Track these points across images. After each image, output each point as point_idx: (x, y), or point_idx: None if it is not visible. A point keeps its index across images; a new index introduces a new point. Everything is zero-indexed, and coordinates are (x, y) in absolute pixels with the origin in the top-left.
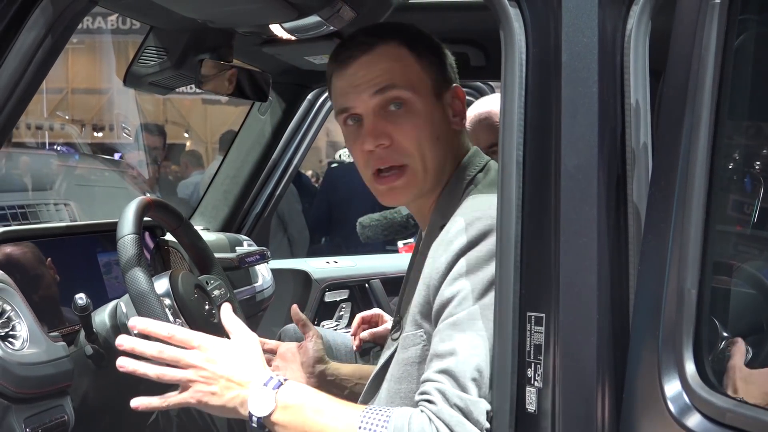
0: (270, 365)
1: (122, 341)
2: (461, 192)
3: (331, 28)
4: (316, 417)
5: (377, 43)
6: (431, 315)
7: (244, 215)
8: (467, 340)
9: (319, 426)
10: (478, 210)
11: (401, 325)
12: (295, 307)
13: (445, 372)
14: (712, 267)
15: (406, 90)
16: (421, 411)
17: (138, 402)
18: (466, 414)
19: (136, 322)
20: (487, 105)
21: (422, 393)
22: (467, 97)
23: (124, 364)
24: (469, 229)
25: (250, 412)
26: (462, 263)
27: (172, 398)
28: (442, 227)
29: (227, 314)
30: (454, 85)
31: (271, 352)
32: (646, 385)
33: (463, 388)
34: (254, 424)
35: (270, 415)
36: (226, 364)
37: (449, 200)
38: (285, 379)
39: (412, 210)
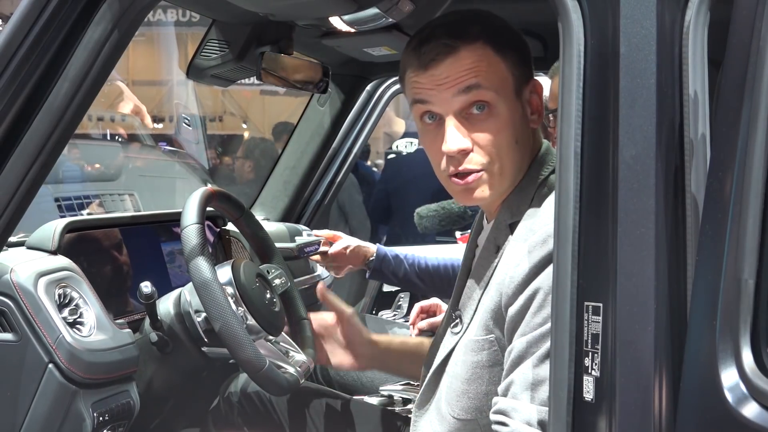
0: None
1: None
2: (533, 192)
3: (390, 20)
4: None
5: (461, 45)
6: (503, 322)
7: (304, 205)
8: (545, 354)
9: None
10: None
11: (462, 320)
12: (321, 287)
13: (525, 387)
14: None
15: (490, 91)
16: None
17: None
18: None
19: None
20: None
21: (498, 412)
22: None
23: None
24: (548, 241)
25: None
26: (541, 277)
27: None
28: (511, 226)
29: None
30: (534, 79)
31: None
32: (703, 374)
33: (543, 403)
34: None
35: None
36: None
37: (520, 198)
38: None
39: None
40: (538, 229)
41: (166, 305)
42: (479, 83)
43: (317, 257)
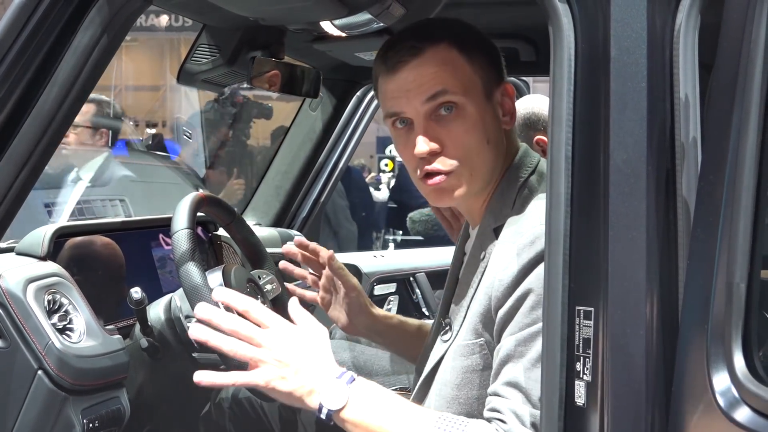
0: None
1: (200, 310)
2: (514, 194)
3: (381, 24)
4: (388, 418)
5: (427, 47)
6: (492, 325)
7: (296, 211)
8: (534, 355)
9: (391, 428)
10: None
11: (451, 327)
12: (330, 254)
13: (514, 387)
14: (761, 261)
15: (457, 94)
16: (496, 430)
17: (201, 376)
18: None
19: (218, 293)
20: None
21: (493, 410)
22: None
23: (196, 332)
24: (536, 243)
25: (321, 404)
26: (530, 279)
27: (239, 377)
28: (495, 230)
29: (295, 305)
30: (504, 82)
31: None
32: (695, 378)
33: (534, 405)
34: (323, 416)
35: (341, 409)
36: (299, 350)
37: (501, 202)
38: (355, 377)
39: (462, 209)
40: (525, 231)
41: (156, 311)
42: (445, 87)
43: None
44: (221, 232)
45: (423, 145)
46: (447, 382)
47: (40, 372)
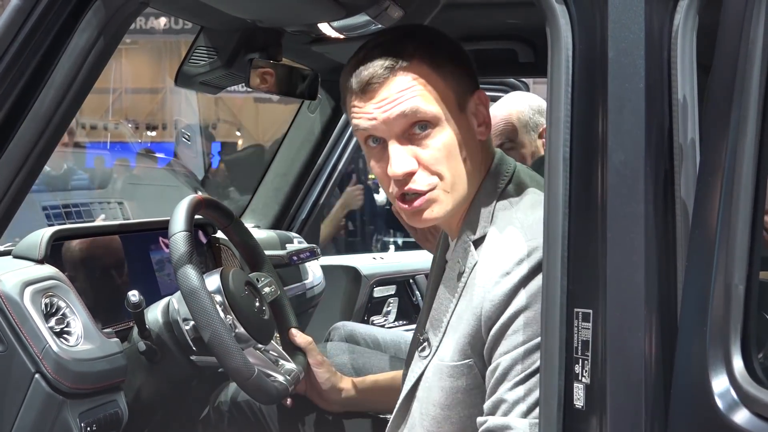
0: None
1: None
2: (492, 205)
3: (379, 26)
4: None
5: (397, 66)
6: (481, 345)
7: (295, 213)
8: (530, 371)
9: None
10: (533, 239)
11: (429, 342)
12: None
13: (511, 404)
14: (759, 262)
15: (431, 112)
16: None
17: None
18: None
19: None
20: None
21: (490, 430)
22: (500, 94)
23: None
24: (525, 260)
25: None
26: (521, 296)
27: None
28: (475, 242)
29: None
30: (477, 90)
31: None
32: (694, 381)
33: (533, 416)
34: None
35: None
36: None
37: (479, 214)
38: None
39: (440, 224)
40: (512, 248)
41: (154, 314)
42: (418, 105)
43: None
44: (220, 234)
45: (398, 166)
46: (434, 402)
47: (37, 376)
